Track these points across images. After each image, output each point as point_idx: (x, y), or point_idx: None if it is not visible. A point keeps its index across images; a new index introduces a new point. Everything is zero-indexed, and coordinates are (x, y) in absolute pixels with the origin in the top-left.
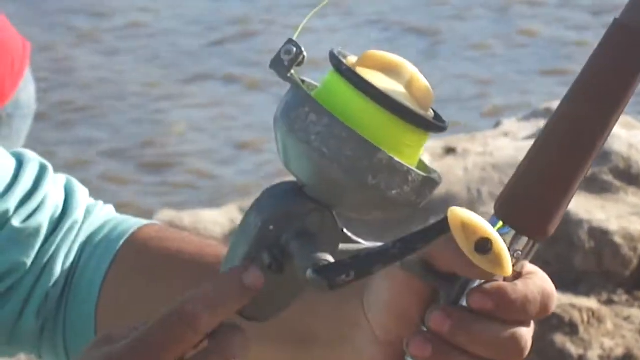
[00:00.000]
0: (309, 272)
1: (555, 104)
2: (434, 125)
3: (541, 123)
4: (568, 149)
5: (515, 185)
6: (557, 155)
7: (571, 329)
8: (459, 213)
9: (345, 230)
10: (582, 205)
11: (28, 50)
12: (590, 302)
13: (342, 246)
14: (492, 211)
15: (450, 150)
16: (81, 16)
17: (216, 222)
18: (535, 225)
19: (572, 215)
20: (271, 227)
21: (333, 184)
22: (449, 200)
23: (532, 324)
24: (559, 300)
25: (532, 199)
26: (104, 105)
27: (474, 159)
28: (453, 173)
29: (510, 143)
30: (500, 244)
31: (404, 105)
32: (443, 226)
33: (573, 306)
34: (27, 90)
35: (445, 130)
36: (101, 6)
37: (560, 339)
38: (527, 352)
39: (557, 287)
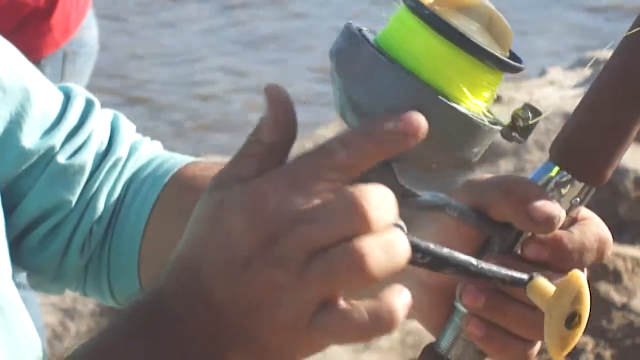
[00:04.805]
0: None
1: (600, 53)
2: (509, 65)
3: (587, 72)
4: (624, 97)
5: (572, 131)
6: (613, 103)
7: (615, 277)
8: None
9: (403, 183)
10: (627, 154)
11: None
12: (635, 251)
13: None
14: (537, 159)
15: (495, 99)
16: None
17: None
18: (592, 171)
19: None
20: None
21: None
22: (493, 147)
23: (586, 270)
24: None
25: (588, 145)
26: None
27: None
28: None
29: (556, 92)
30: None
31: (476, 43)
32: (524, 283)
33: (617, 255)
34: (90, 31)
35: (522, 70)
36: None
37: (604, 287)
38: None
39: None
